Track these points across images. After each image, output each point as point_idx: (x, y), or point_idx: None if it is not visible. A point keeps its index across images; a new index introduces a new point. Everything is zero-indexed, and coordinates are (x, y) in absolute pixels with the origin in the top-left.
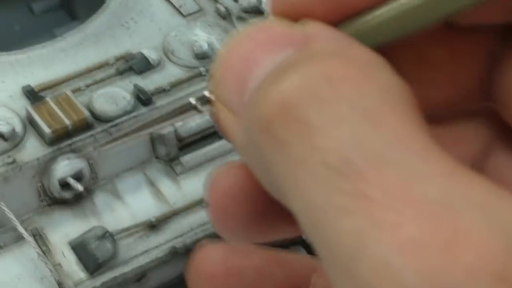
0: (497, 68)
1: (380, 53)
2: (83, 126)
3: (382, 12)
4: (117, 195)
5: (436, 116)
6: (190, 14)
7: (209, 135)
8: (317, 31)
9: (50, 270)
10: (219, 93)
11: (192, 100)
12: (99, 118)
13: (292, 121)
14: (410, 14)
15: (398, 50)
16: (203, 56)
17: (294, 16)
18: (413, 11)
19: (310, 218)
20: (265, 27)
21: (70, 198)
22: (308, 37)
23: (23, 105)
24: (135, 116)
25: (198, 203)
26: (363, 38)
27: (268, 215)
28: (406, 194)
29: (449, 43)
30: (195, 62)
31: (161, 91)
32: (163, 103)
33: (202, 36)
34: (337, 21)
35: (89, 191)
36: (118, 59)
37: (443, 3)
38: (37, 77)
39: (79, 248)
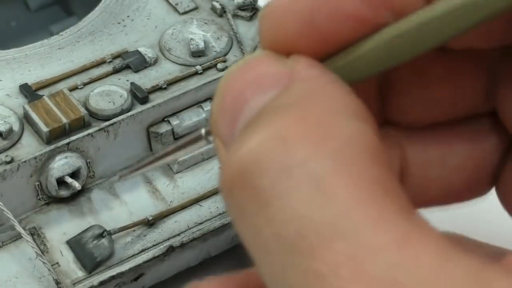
0: (499, 83)
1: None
2: (80, 124)
3: (366, 46)
4: (114, 194)
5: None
6: (186, 12)
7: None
8: (301, 68)
9: (48, 269)
10: (215, 128)
11: (202, 131)
12: (96, 116)
13: (249, 189)
14: (392, 47)
15: (401, 67)
16: (199, 54)
17: (284, 51)
18: (394, 45)
19: None
20: (255, 64)
21: (68, 196)
22: (291, 75)
23: (20, 103)
24: (132, 115)
25: (195, 202)
26: (351, 71)
27: None
28: (355, 272)
29: (448, 63)
30: (191, 60)
31: (158, 89)
32: (159, 101)
33: (198, 33)
34: (327, 54)
35: (86, 190)
36: (114, 56)
37: (424, 37)
38: (34, 75)
39: (77, 247)
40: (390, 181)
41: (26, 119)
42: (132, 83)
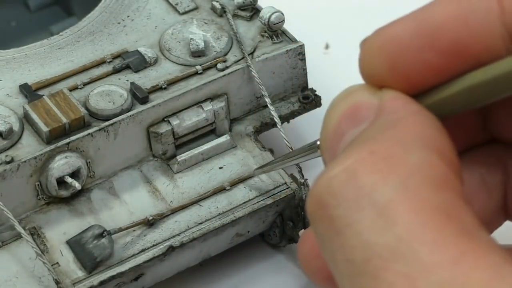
0: None
1: None
2: (80, 124)
3: (449, 90)
4: (114, 194)
5: None
6: (186, 12)
7: (207, 133)
8: (387, 101)
9: (48, 269)
10: (323, 156)
11: (318, 141)
12: (96, 116)
13: (326, 219)
14: (474, 93)
15: None
16: (199, 54)
17: (377, 84)
18: (475, 91)
19: None
20: (351, 97)
21: (68, 196)
22: (380, 107)
23: (20, 103)
24: (132, 115)
25: (195, 202)
26: (440, 108)
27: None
28: None
29: None
30: (191, 60)
31: (158, 89)
32: (159, 101)
33: (198, 33)
34: (418, 90)
35: (86, 190)
36: (114, 56)
37: (500, 88)
38: (34, 75)
39: (77, 246)
40: (453, 206)
41: (26, 119)
42: (132, 83)
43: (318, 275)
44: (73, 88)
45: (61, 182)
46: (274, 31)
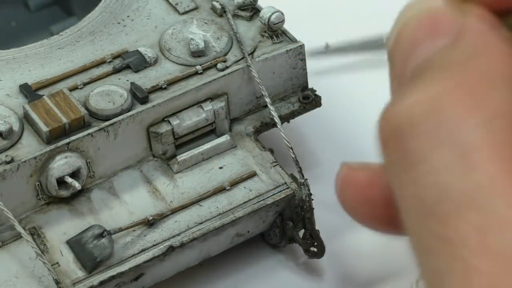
0: None
1: None
2: (80, 124)
3: None
4: (114, 194)
5: None
6: (186, 12)
7: (207, 133)
8: (472, 20)
9: (48, 269)
10: (390, 64)
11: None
12: (96, 116)
13: (400, 149)
14: None
15: None
16: (199, 54)
17: None
18: None
19: (409, 239)
20: (432, 9)
21: (68, 196)
22: (462, 26)
23: (20, 103)
24: (132, 115)
25: (195, 202)
26: None
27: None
28: (481, 245)
29: None
30: (191, 60)
31: (158, 89)
32: (159, 101)
33: (198, 33)
34: (506, 9)
35: (86, 190)
36: (114, 56)
37: None
38: (34, 75)
39: (77, 246)
40: None
41: (26, 119)
42: (132, 83)
43: (372, 221)
44: (73, 88)
45: (61, 182)
46: (274, 31)
